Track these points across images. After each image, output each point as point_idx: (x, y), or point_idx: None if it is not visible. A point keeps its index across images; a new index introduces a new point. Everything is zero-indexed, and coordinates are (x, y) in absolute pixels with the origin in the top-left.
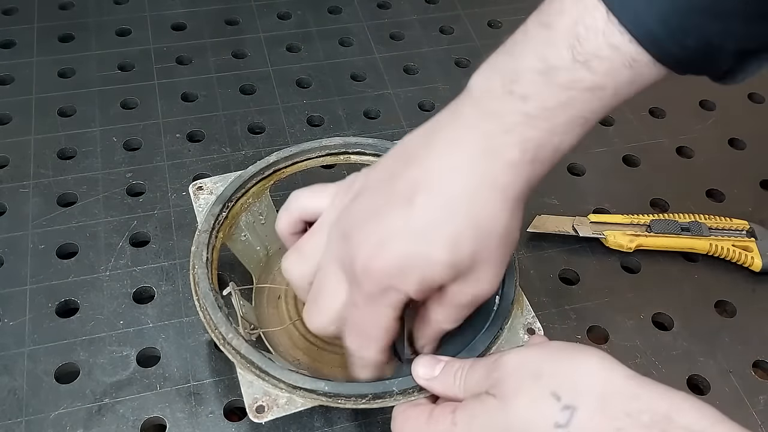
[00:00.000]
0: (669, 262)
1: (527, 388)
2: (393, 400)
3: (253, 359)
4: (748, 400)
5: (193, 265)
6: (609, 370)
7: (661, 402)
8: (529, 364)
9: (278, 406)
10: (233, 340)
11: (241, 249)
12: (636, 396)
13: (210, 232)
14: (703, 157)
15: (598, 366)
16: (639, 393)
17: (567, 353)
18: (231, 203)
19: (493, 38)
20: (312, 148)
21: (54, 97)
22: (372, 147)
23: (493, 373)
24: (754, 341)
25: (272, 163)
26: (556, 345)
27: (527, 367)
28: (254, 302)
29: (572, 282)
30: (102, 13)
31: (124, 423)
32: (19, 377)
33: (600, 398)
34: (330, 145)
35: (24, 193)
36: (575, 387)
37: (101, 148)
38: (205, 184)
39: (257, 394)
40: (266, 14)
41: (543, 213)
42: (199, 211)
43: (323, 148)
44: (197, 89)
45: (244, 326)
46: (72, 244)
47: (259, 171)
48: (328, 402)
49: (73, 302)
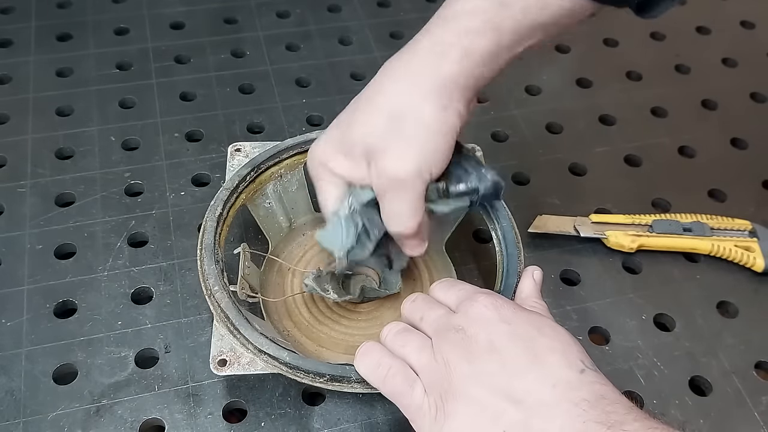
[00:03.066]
0: (671, 263)
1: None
2: (350, 386)
3: (230, 315)
4: (750, 401)
5: (205, 217)
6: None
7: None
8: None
9: (240, 364)
10: (217, 293)
11: (263, 215)
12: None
13: (231, 191)
14: (705, 156)
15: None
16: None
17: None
18: (261, 169)
19: None
20: None
21: (52, 96)
22: None
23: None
24: (756, 342)
25: (311, 139)
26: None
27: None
28: (264, 268)
29: (574, 282)
30: (100, 11)
31: (122, 424)
32: (16, 378)
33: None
34: None
35: (21, 193)
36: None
37: (99, 148)
38: (243, 146)
39: (224, 348)
40: (265, 13)
41: (544, 213)
42: (230, 170)
43: None
44: (196, 88)
45: (242, 286)
46: (70, 244)
47: (296, 144)
48: (288, 373)
49: (71, 303)
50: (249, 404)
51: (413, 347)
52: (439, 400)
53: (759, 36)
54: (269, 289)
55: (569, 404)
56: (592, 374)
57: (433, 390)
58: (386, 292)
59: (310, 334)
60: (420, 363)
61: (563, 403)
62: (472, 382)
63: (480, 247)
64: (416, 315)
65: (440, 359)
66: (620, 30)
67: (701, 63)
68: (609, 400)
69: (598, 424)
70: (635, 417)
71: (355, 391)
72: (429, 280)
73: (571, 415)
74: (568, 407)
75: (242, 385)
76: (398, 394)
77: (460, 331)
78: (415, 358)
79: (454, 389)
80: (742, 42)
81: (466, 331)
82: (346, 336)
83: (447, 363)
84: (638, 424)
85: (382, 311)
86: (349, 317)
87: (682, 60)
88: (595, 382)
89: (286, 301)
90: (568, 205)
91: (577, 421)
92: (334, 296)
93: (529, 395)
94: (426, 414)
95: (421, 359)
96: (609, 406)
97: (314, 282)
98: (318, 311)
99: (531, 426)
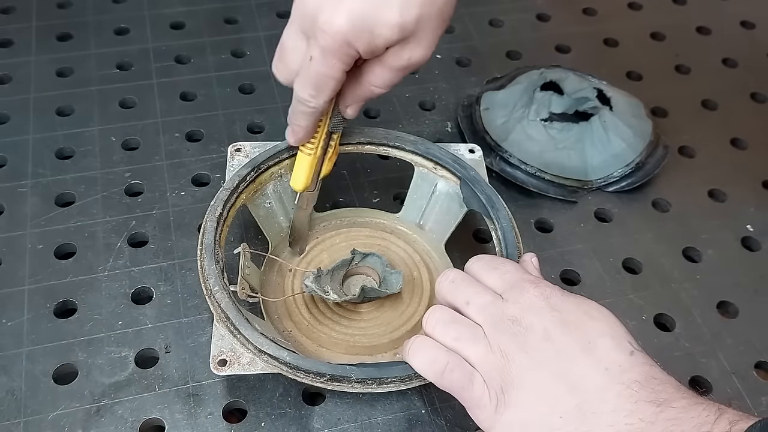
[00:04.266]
0: (671, 263)
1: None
2: (350, 386)
3: (230, 315)
4: (750, 401)
5: (205, 218)
6: None
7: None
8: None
9: (240, 364)
10: (217, 293)
11: (263, 215)
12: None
13: (232, 191)
14: (705, 156)
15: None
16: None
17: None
18: (260, 169)
19: (494, 37)
20: (353, 133)
21: (52, 96)
22: (411, 143)
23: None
24: (756, 342)
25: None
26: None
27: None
28: (264, 268)
29: (574, 282)
30: (101, 11)
31: (122, 424)
32: (17, 378)
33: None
34: (371, 134)
35: (22, 193)
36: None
37: (100, 148)
38: (243, 146)
39: (224, 348)
40: (265, 13)
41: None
42: (230, 170)
43: (365, 135)
44: (196, 88)
45: (242, 286)
46: (70, 244)
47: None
48: (288, 373)
49: (72, 303)
50: (249, 404)
51: (467, 339)
52: (499, 391)
53: (759, 36)
54: (269, 289)
55: (621, 386)
56: (641, 356)
57: (492, 382)
58: (386, 292)
59: (310, 334)
60: (476, 356)
61: (615, 385)
62: (530, 372)
63: (480, 247)
64: (460, 298)
65: (497, 350)
66: (620, 30)
67: (701, 63)
68: (658, 380)
69: (649, 403)
70: (683, 395)
71: (355, 391)
72: (429, 280)
73: (623, 396)
74: (620, 389)
75: (242, 385)
76: (458, 389)
77: (516, 323)
78: (471, 351)
79: (513, 379)
80: (742, 42)
81: (521, 323)
82: (346, 336)
83: (505, 354)
84: (686, 401)
85: (382, 311)
86: (350, 317)
87: (682, 60)
88: (644, 363)
89: (286, 301)
90: (567, 205)
91: (629, 402)
92: (334, 297)
93: (582, 380)
94: (487, 405)
95: (478, 352)
96: (659, 385)
97: (314, 283)
98: (318, 311)
99: (585, 410)
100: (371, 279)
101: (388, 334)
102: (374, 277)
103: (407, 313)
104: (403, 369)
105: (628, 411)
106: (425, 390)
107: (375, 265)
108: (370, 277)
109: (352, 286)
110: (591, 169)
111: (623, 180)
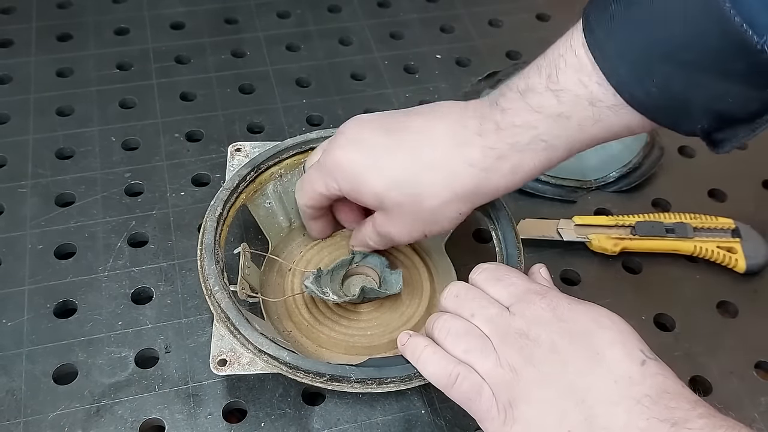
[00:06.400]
0: (670, 263)
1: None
2: (350, 386)
3: (230, 315)
4: (750, 401)
5: (205, 218)
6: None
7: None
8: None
9: (240, 364)
10: (217, 293)
11: (263, 215)
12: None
13: (232, 191)
14: (705, 156)
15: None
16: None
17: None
18: (261, 169)
19: (493, 37)
20: None
21: (52, 96)
22: None
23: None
24: (756, 342)
25: (311, 139)
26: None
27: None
28: (264, 268)
29: (574, 282)
30: (100, 12)
31: (122, 424)
32: (17, 378)
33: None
34: None
35: (22, 193)
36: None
37: (100, 148)
38: (243, 146)
39: (224, 348)
40: (265, 13)
41: (527, 217)
42: (230, 170)
43: None
44: (196, 89)
45: (242, 286)
46: (70, 244)
47: (296, 144)
48: (288, 373)
49: (72, 303)
50: (249, 404)
51: (477, 352)
52: (507, 405)
53: None
54: (269, 289)
55: (631, 401)
56: (653, 365)
57: (500, 395)
58: (386, 293)
59: (310, 335)
60: (485, 369)
61: (625, 400)
62: (537, 386)
63: (480, 247)
64: (465, 311)
65: (505, 364)
66: None
67: None
68: (672, 394)
69: (662, 421)
70: (700, 413)
71: (355, 391)
72: (429, 280)
73: (634, 412)
74: (630, 405)
75: (242, 385)
76: (466, 400)
77: (523, 336)
78: (480, 365)
79: (521, 393)
80: None
81: (528, 336)
82: (346, 336)
83: (513, 368)
84: (703, 421)
85: (382, 311)
86: (349, 318)
87: None
88: (657, 373)
89: (286, 301)
90: (568, 206)
91: (640, 419)
92: (334, 297)
93: (590, 394)
94: (495, 418)
95: (486, 365)
96: (672, 401)
97: (314, 284)
98: (318, 311)
99: (594, 425)
100: (371, 279)
101: (387, 335)
102: (374, 277)
103: (407, 314)
104: (403, 369)
105: (639, 429)
106: (425, 390)
107: (375, 265)
108: (370, 277)
109: (351, 287)
110: (588, 170)
111: (620, 180)
